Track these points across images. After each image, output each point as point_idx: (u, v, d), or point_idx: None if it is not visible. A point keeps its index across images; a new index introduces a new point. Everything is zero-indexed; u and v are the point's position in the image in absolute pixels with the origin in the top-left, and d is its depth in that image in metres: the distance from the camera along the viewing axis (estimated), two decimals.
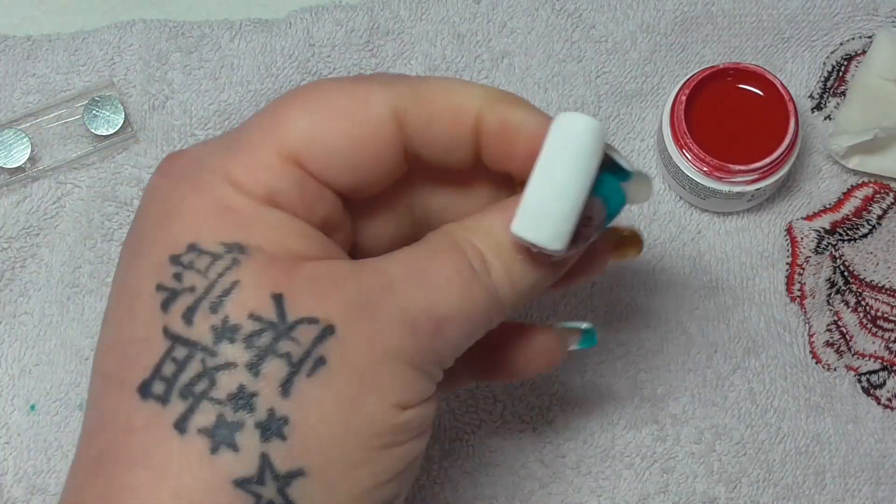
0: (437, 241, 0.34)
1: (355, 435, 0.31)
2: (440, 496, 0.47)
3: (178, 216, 0.33)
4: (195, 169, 0.34)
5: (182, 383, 0.31)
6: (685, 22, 0.52)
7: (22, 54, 0.51)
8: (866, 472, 0.48)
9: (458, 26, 0.52)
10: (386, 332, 0.32)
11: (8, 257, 0.49)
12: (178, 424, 0.30)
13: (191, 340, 0.31)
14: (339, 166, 0.34)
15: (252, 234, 0.33)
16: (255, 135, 0.34)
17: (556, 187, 0.32)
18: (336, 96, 0.34)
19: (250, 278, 0.32)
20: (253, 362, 0.31)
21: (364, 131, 0.34)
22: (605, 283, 0.50)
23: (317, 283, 0.32)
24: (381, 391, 0.32)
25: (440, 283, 0.33)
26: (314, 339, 0.31)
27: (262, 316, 0.31)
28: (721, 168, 0.47)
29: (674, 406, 0.49)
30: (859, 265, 0.50)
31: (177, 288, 0.32)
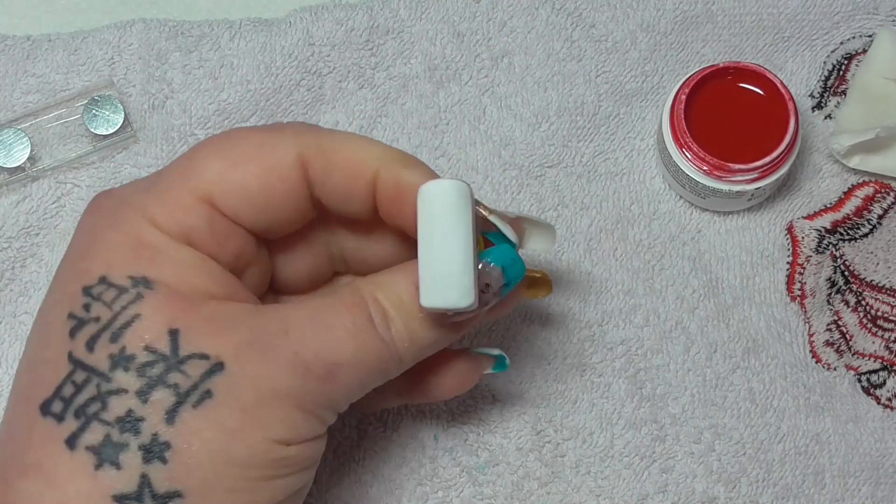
0: (342, 292, 0.37)
1: (235, 464, 0.34)
2: (439, 495, 0.47)
3: (94, 248, 0.36)
4: (117, 206, 0.37)
5: (77, 404, 0.34)
6: (685, 21, 0.52)
7: (22, 54, 0.51)
8: (866, 472, 0.48)
9: (457, 25, 0.52)
10: (275, 372, 0.34)
11: (8, 257, 0.49)
12: (69, 441, 0.33)
13: (90, 366, 0.34)
14: (249, 207, 0.37)
15: (160, 269, 0.35)
16: (173, 176, 0.37)
17: (441, 253, 0.34)
18: (248, 143, 0.37)
19: (151, 313, 0.34)
20: (143, 390, 0.34)
21: (271, 176, 0.37)
22: (604, 282, 0.50)
23: (213, 322, 0.35)
24: (263, 427, 0.34)
25: (336, 331, 0.35)
26: (203, 374, 0.34)
27: (157, 348, 0.34)
28: (721, 167, 0.47)
29: (673, 406, 0.48)
30: (860, 265, 0.50)
31: (84, 317, 0.35)
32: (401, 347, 0.37)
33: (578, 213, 0.51)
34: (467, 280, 0.34)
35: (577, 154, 0.51)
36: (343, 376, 0.36)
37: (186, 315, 0.35)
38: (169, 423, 0.33)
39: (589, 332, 0.49)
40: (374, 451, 0.48)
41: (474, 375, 0.42)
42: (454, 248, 0.34)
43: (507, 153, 0.51)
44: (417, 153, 0.51)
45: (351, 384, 0.36)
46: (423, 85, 0.52)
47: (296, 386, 0.35)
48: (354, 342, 0.36)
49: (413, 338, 0.37)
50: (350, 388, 0.36)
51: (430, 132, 0.51)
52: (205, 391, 0.34)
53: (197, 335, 0.34)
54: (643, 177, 0.51)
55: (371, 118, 0.51)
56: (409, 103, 0.51)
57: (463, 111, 0.51)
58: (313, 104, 0.51)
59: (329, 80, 0.51)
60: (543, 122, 0.51)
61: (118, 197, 0.37)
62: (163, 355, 0.34)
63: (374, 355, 0.36)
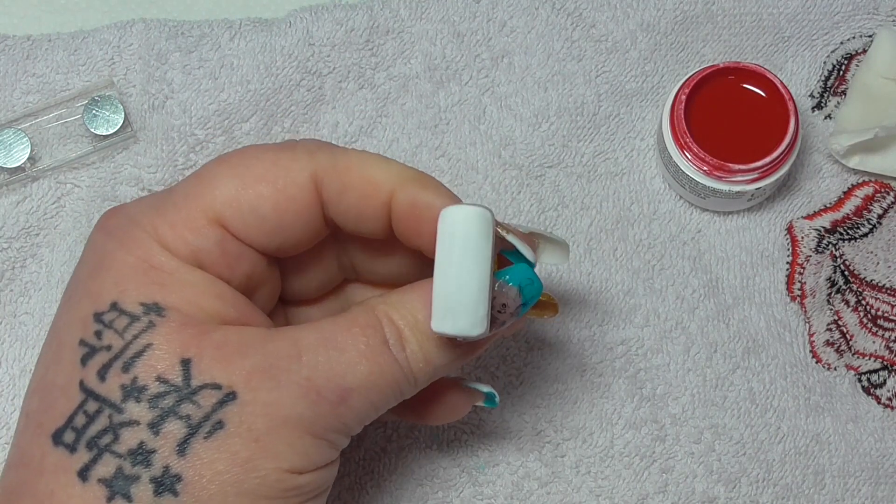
0: (356, 313, 0.36)
1: (246, 495, 0.34)
2: (439, 495, 0.47)
3: (106, 270, 0.36)
4: (128, 225, 0.36)
5: (89, 435, 0.34)
6: (685, 21, 0.52)
7: (22, 54, 0.51)
8: (866, 472, 0.48)
9: (457, 25, 0.52)
10: (287, 399, 0.34)
11: (8, 257, 0.49)
12: (81, 472, 0.33)
13: (101, 396, 0.34)
14: (261, 229, 0.36)
15: (171, 293, 0.35)
16: (184, 197, 0.36)
17: (457, 281, 0.34)
18: (260, 162, 0.36)
19: (162, 342, 0.34)
20: (154, 422, 0.33)
21: (284, 196, 0.36)
22: (604, 282, 0.50)
23: (224, 350, 0.34)
24: (275, 456, 0.34)
25: (349, 354, 0.35)
26: (215, 404, 0.34)
27: (169, 379, 0.34)
28: (721, 167, 0.47)
29: (673, 406, 0.49)
30: (860, 264, 0.50)
31: (96, 345, 0.35)
32: (416, 368, 0.36)
33: (578, 213, 0.51)
34: (481, 310, 0.34)
35: (577, 154, 0.51)
36: (356, 400, 0.35)
37: (198, 343, 0.34)
38: (180, 455, 0.33)
39: (589, 332, 0.49)
40: (374, 451, 0.48)
41: (465, 407, 0.42)
42: (471, 277, 0.34)
43: (507, 153, 0.51)
44: (417, 153, 0.51)
45: (364, 407, 0.36)
46: (423, 85, 0.52)
47: (307, 412, 0.34)
48: (368, 365, 0.35)
49: (428, 358, 0.36)
50: (363, 411, 0.36)
51: (430, 132, 0.51)
52: (217, 422, 0.34)
53: (209, 364, 0.34)
54: (643, 177, 0.51)
55: (371, 118, 0.51)
56: (409, 103, 0.51)
57: (463, 111, 0.51)
58: (313, 104, 0.51)
59: (329, 80, 0.51)
60: (543, 122, 0.51)
61: (128, 216, 0.37)
62: (175, 386, 0.34)
63: (387, 378, 0.36)
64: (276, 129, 0.51)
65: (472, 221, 0.34)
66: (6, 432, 0.48)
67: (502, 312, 0.36)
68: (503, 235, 0.36)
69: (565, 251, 0.40)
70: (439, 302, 0.34)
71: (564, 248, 0.40)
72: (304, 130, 0.51)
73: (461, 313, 0.34)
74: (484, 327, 0.34)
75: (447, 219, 0.34)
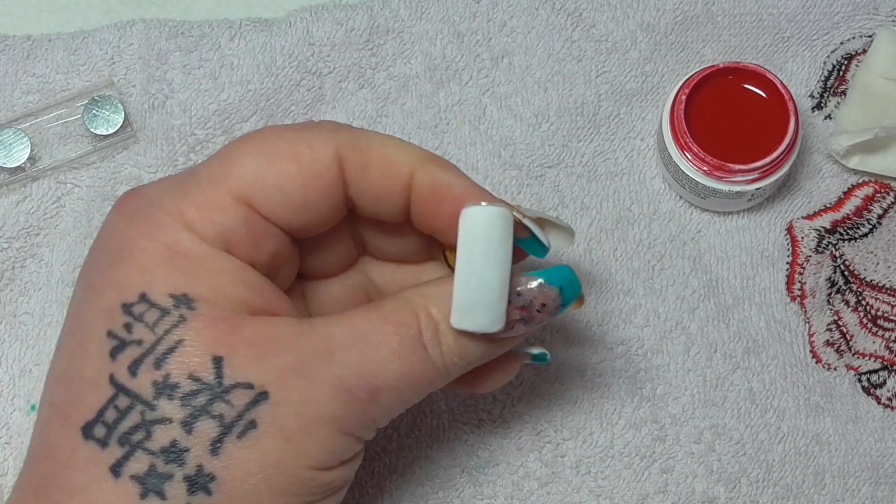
0: (391, 308, 0.36)
1: (278, 493, 0.34)
2: (439, 495, 0.47)
3: (130, 258, 0.35)
4: (150, 209, 0.36)
5: (121, 431, 0.33)
6: (685, 21, 0.52)
7: (22, 54, 0.51)
8: (866, 472, 0.48)
9: (457, 25, 0.52)
10: (319, 399, 0.34)
11: (8, 257, 0.49)
12: (114, 468, 0.33)
13: (133, 392, 0.34)
14: (286, 206, 0.36)
15: (198, 282, 0.35)
16: (208, 177, 0.36)
17: (479, 280, 0.35)
18: (283, 141, 0.36)
19: (194, 337, 0.34)
20: (187, 420, 0.33)
21: (309, 173, 0.36)
22: (604, 282, 0.50)
23: (256, 347, 0.34)
24: (306, 455, 0.34)
25: (382, 353, 0.35)
26: (247, 404, 0.34)
27: (201, 377, 0.34)
28: (721, 167, 0.47)
29: (673, 406, 0.49)
30: (860, 264, 0.50)
31: (126, 339, 0.34)
32: (450, 363, 0.36)
33: (578, 213, 0.51)
34: (501, 308, 0.35)
35: (577, 154, 0.51)
36: (386, 398, 0.35)
37: (230, 339, 0.34)
38: (213, 455, 0.33)
39: (589, 332, 0.49)
40: (374, 451, 0.48)
41: (513, 368, 0.42)
42: (493, 276, 0.35)
43: (507, 153, 0.51)
44: None
45: (394, 403, 0.36)
46: (424, 85, 0.52)
47: (338, 411, 0.34)
48: (400, 363, 0.35)
49: (464, 352, 0.36)
50: (392, 407, 0.36)
51: (430, 132, 0.51)
52: (249, 421, 0.34)
53: (241, 362, 0.34)
54: (643, 177, 0.51)
55: (371, 118, 0.51)
56: (409, 103, 0.51)
57: (463, 111, 0.51)
58: (313, 104, 0.51)
59: (329, 80, 0.51)
60: (543, 123, 0.51)
61: (149, 199, 0.36)
62: (207, 384, 0.34)
63: (419, 374, 0.36)
64: None
65: (494, 222, 0.35)
66: (6, 432, 0.48)
67: (541, 311, 0.36)
68: (520, 220, 0.37)
69: (570, 236, 0.40)
70: (460, 300, 0.35)
71: (570, 233, 0.40)
72: None
73: (482, 311, 0.35)
74: (503, 324, 0.35)
75: (469, 218, 0.35)
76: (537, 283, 0.36)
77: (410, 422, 0.48)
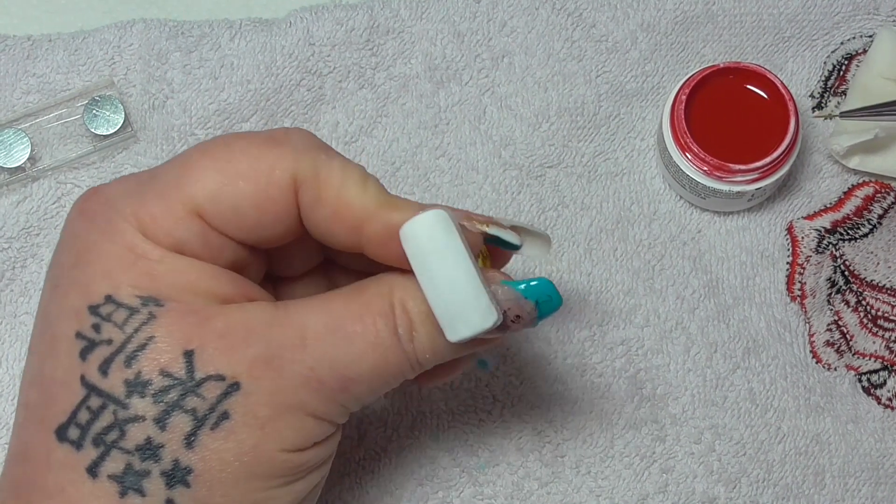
0: (369, 297, 0.36)
1: (256, 477, 0.34)
2: (439, 495, 0.47)
3: (91, 261, 0.35)
4: (108, 212, 0.36)
5: (95, 431, 0.34)
6: (686, 21, 0.52)
7: (22, 54, 0.51)
8: (866, 472, 0.48)
9: (458, 25, 0.52)
10: (290, 388, 0.34)
11: (8, 257, 0.49)
12: (91, 469, 0.33)
13: (105, 392, 0.34)
14: (240, 224, 0.36)
15: (164, 283, 0.35)
16: (165, 184, 0.36)
17: (445, 286, 0.34)
18: (245, 157, 0.36)
19: (164, 334, 0.34)
20: (160, 417, 0.33)
21: (264, 196, 0.36)
22: (604, 282, 0.50)
23: (227, 338, 0.34)
24: (280, 439, 0.34)
25: (357, 344, 0.35)
26: (219, 395, 0.34)
27: (172, 372, 0.34)
28: (721, 167, 0.47)
29: (673, 406, 0.49)
30: (860, 265, 0.50)
31: (95, 339, 0.34)
32: (422, 358, 0.36)
33: (578, 213, 0.51)
34: (483, 300, 0.34)
35: (578, 154, 0.51)
36: (357, 388, 0.35)
37: (200, 332, 0.34)
38: (188, 448, 0.33)
39: (589, 332, 0.49)
40: (374, 451, 0.48)
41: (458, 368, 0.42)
42: (457, 277, 0.34)
43: (507, 153, 0.51)
44: (417, 153, 0.51)
45: (365, 393, 0.36)
46: (424, 85, 0.52)
47: (309, 399, 0.35)
48: (374, 356, 0.35)
49: (435, 349, 0.36)
50: (363, 396, 0.36)
51: (430, 132, 0.51)
52: (222, 413, 0.34)
53: (212, 354, 0.34)
54: (643, 177, 0.51)
55: (371, 118, 0.51)
56: (409, 103, 0.51)
57: (463, 111, 0.51)
58: (313, 104, 0.51)
59: (329, 80, 0.51)
60: (544, 123, 0.51)
61: (106, 201, 0.36)
62: (178, 379, 0.34)
63: (392, 367, 0.36)
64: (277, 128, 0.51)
65: (432, 226, 0.34)
66: (6, 432, 0.48)
67: (515, 322, 0.36)
68: (485, 230, 0.36)
69: (547, 245, 0.39)
70: (441, 312, 0.34)
71: (546, 241, 0.39)
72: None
73: (467, 313, 0.34)
74: (495, 314, 0.34)
75: (407, 234, 0.34)
76: (513, 294, 0.36)
77: (410, 422, 0.48)
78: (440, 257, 0.34)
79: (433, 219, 0.34)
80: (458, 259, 0.34)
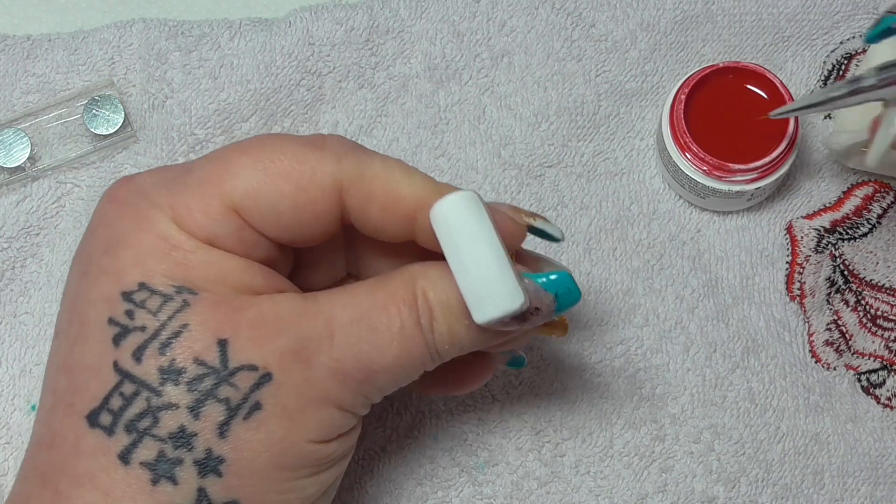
0: (395, 286, 0.36)
1: (284, 468, 0.35)
2: (438, 495, 0.47)
3: (124, 248, 0.35)
4: (141, 201, 0.36)
5: (127, 418, 0.34)
6: (685, 21, 0.52)
7: (22, 54, 0.51)
8: (865, 472, 0.48)
9: (457, 25, 0.52)
10: (318, 380, 0.35)
11: (8, 257, 0.49)
12: (123, 456, 0.33)
13: (138, 378, 0.34)
14: (277, 224, 0.36)
15: (197, 273, 0.35)
16: (202, 179, 0.36)
17: (474, 266, 0.34)
18: (285, 157, 0.36)
19: (198, 322, 0.34)
20: (194, 405, 0.34)
21: (304, 197, 0.36)
22: (603, 282, 0.50)
23: (259, 329, 0.34)
24: (308, 430, 0.35)
25: (382, 335, 0.35)
26: (252, 385, 0.34)
27: (206, 361, 0.34)
28: (721, 167, 0.47)
29: (672, 405, 0.49)
30: (859, 264, 0.50)
31: (128, 325, 0.34)
32: (441, 348, 0.36)
33: (578, 212, 0.51)
34: (510, 281, 0.34)
35: (577, 154, 0.51)
36: (380, 379, 0.36)
37: (233, 322, 0.34)
38: (221, 438, 0.34)
39: (588, 331, 0.49)
40: (374, 450, 0.48)
41: (490, 370, 0.42)
42: (486, 257, 0.34)
43: (506, 153, 0.51)
44: (417, 153, 0.51)
45: (387, 384, 0.37)
46: (423, 85, 0.52)
47: (335, 390, 0.35)
48: (398, 347, 0.36)
49: (454, 340, 0.36)
50: (386, 387, 0.37)
51: (429, 132, 0.51)
52: (254, 403, 0.34)
53: (244, 344, 0.34)
54: (643, 176, 0.51)
55: (371, 118, 0.51)
56: (409, 103, 0.51)
57: (463, 111, 0.51)
58: (313, 104, 0.51)
59: (329, 79, 0.51)
60: (543, 122, 0.51)
61: (141, 192, 0.36)
62: (212, 368, 0.34)
63: (415, 358, 0.36)
64: (276, 128, 0.51)
65: (462, 205, 0.35)
66: (6, 432, 0.48)
67: (534, 315, 0.36)
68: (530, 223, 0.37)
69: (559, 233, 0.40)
70: (469, 293, 0.35)
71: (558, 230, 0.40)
72: (304, 130, 0.51)
73: (495, 294, 0.34)
74: (522, 296, 0.34)
75: (437, 214, 0.35)
76: (534, 286, 0.36)
77: (410, 422, 0.48)
78: (469, 237, 0.34)
79: (463, 199, 0.35)
80: (487, 239, 0.34)
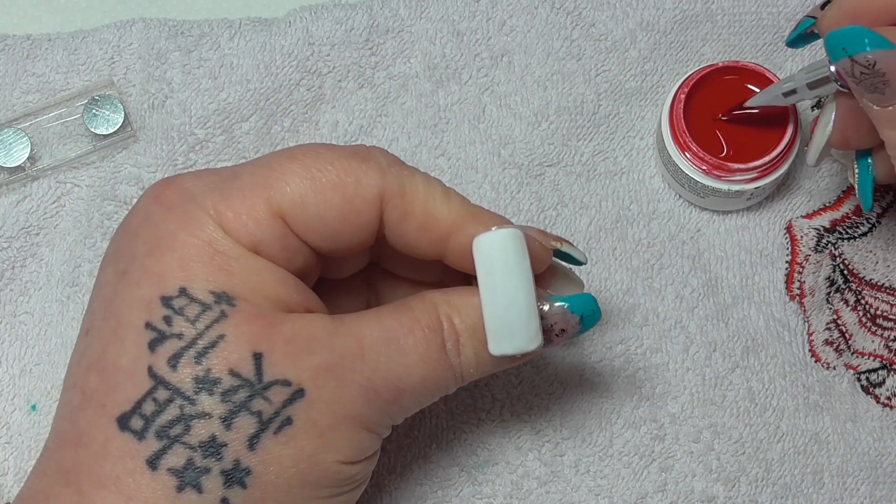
0: (419, 312, 0.37)
1: (308, 486, 0.35)
2: (438, 494, 0.47)
3: (168, 250, 0.35)
4: (187, 204, 0.36)
5: (159, 424, 0.34)
6: (685, 20, 0.52)
7: (22, 53, 0.51)
8: (864, 471, 0.48)
9: (457, 24, 0.52)
10: (349, 398, 0.35)
11: (8, 257, 0.49)
12: (151, 461, 0.34)
13: (173, 385, 0.34)
14: (321, 232, 0.37)
15: (238, 280, 0.35)
16: (249, 184, 0.36)
17: (505, 303, 0.36)
18: (333, 168, 0.36)
19: (234, 333, 0.34)
20: (227, 416, 0.34)
21: (350, 208, 0.36)
22: (603, 282, 0.50)
23: (293, 345, 0.35)
24: (335, 450, 0.35)
25: (409, 356, 0.36)
26: (285, 401, 0.34)
27: (241, 373, 0.34)
28: (720, 167, 0.47)
29: (672, 405, 0.49)
30: (859, 263, 0.50)
31: (165, 331, 0.34)
32: (466, 373, 0.37)
33: (578, 212, 0.51)
34: (534, 324, 0.36)
35: (577, 153, 0.51)
36: (406, 399, 0.37)
37: (269, 336, 0.35)
38: (251, 450, 0.34)
39: (588, 331, 0.49)
40: None
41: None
42: (518, 296, 0.36)
43: (506, 152, 0.51)
44: (417, 152, 0.51)
45: (412, 405, 0.37)
46: (423, 84, 0.52)
47: (365, 409, 0.36)
48: (424, 368, 0.36)
49: (480, 364, 0.37)
50: (410, 408, 0.38)
51: (429, 131, 0.51)
52: (286, 418, 0.34)
53: (279, 359, 0.35)
54: (642, 176, 0.51)
55: (371, 118, 0.51)
56: (408, 103, 0.51)
57: (463, 110, 0.51)
58: (313, 104, 0.51)
59: (329, 79, 0.51)
60: (543, 121, 0.51)
61: (186, 193, 0.36)
62: (247, 380, 0.34)
63: (439, 381, 0.37)
64: (276, 128, 0.51)
65: (508, 243, 0.36)
66: (6, 432, 0.48)
67: (559, 336, 0.37)
68: (556, 247, 0.38)
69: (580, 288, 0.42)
70: (492, 325, 0.36)
71: (580, 285, 0.42)
72: (304, 130, 0.51)
73: (517, 332, 0.36)
74: (539, 340, 0.36)
75: (482, 245, 0.36)
76: (561, 308, 0.37)
77: (409, 421, 0.48)
78: (506, 274, 0.36)
79: (509, 237, 0.36)
80: (523, 282, 0.36)
